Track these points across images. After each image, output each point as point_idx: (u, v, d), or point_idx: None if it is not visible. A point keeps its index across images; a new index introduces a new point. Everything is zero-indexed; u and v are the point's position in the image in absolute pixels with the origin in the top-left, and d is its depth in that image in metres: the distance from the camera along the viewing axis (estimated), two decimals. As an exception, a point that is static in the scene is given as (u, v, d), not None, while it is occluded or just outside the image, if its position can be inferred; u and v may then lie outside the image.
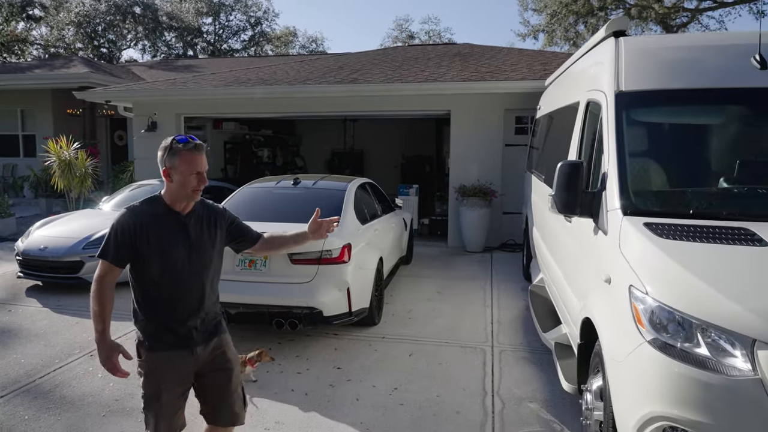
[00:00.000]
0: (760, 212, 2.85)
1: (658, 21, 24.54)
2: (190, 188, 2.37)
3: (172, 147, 2.37)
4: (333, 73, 11.09)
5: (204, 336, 2.50)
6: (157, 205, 2.44)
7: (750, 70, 3.36)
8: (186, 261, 2.41)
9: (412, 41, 40.27)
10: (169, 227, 2.41)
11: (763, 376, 2.13)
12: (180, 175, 2.36)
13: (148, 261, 2.36)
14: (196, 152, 2.38)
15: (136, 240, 2.34)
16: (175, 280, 2.41)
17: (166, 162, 2.38)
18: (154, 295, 2.42)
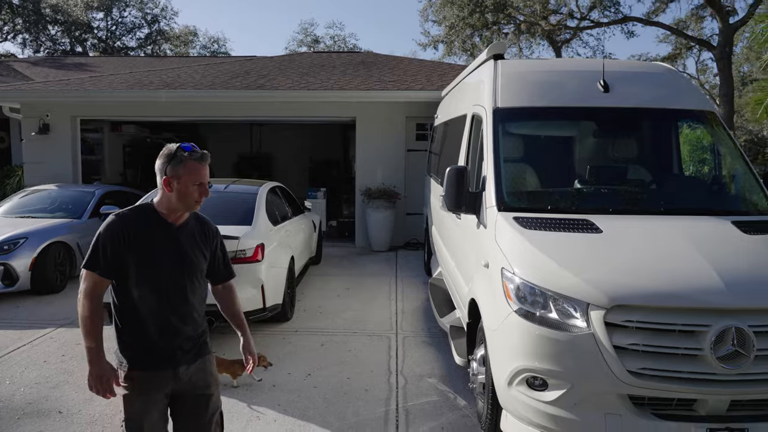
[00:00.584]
0: (599, 207, 3.59)
1: (545, 36, 26.78)
2: (192, 200, 2.26)
3: (176, 155, 2.24)
4: (239, 78, 11.20)
5: (189, 356, 2.34)
6: (148, 214, 2.30)
7: (597, 92, 4.15)
8: (174, 275, 2.28)
9: (317, 45, 40.55)
10: (160, 238, 2.27)
11: (594, 331, 2.79)
12: (182, 185, 2.23)
13: (135, 273, 2.23)
14: (201, 162, 2.26)
15: (125, 249, 2.20)
16: (162, 294, 2.27)
17: (168, 171, 2.23)
18: (138, 309, 2.26)
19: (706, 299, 2.73)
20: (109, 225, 2.24)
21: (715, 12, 21.90)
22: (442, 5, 23.99)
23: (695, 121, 4.29)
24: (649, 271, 2.90)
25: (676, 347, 2.72)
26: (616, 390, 2.76)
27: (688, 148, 4.74)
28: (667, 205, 3.66)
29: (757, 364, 2.69)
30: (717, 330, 2.67)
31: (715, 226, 3.32)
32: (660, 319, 2.75)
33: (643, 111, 4.15)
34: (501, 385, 3.15)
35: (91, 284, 2.23)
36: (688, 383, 2.71)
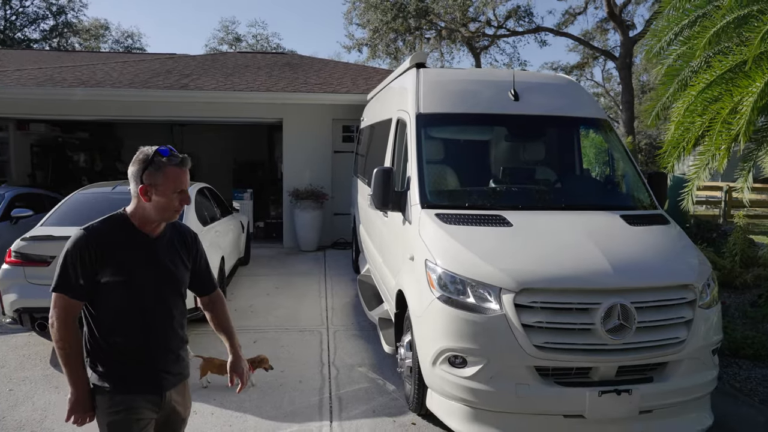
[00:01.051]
0: (510, 204, 4.03)
1: (465, 42, 27.91)
2: (172, 209, 2.07)
3: (153, 161, 2.02)
4: (161, 77, 10.95)
5: (175, 379, 2.20)
6: (120, 225, 2.08)
7: (508, 100, 4.59)
8: (157, 292, 2.10)
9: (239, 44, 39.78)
10: (135, 251, 2.07)
11: (506, 313, 3.18)
12: (161, 195, 2.02)
13: (111, 291, 2.03)
14: (182, 167, 2.06)
15: (98, 267, 2.01)
16: (145, 314, 2.09)
17: (144, 178, 2.02)
18: (118, 332, 2.07)
19: (597, 281, 3.20)
20: (77, 240, 2.01)
21: (616, 25, 23.83)
22: (366, 9, 24.41)
23: (592, 127, 4.86)
24: (551, 258, 3.33)
25: (573, 323, 3.16)
26: (524, 363, 3.16)
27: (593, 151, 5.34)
28: (568, 202, 4.16)
29: (638, 334, 3.18)
30: (606, 307, 3.14)
31: (606, 219, 3.83)
32: (560, 300, 3.18)
33: (548, 118, 4.66)
34: (426, 366, 3.47)
35: (62, 309, 2.01)
36: (583, 353, 3.16)
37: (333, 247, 10.46)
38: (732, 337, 5.30)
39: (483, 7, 24.67)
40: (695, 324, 3.33)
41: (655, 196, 4.37)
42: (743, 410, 4.21)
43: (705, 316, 3.41)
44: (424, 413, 3.84)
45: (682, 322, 3.31)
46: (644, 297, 3.23)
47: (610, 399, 3.15)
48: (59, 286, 2.02)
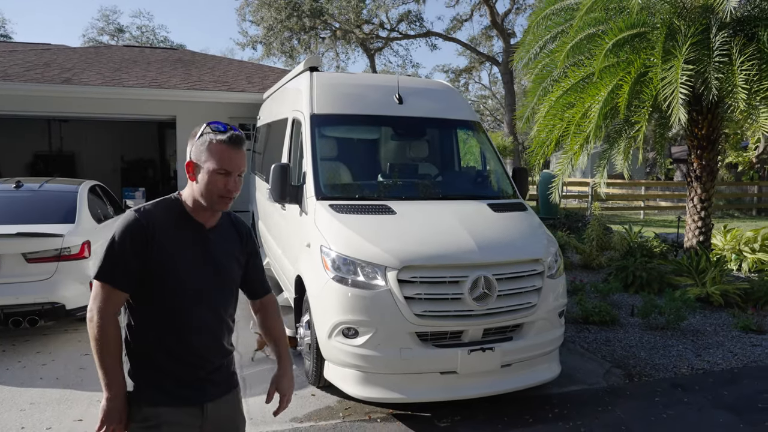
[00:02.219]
0: (395, 195, 4.57)
1: (360, 44, 28.58)
2: (216, 193, 1.83)
3: (202, 134, 1.85)
4: (39, 70, 10.36)
5: (219, 389, 1.96)
6: (174, 210, 1.90)
7: (393, 103, 5.13)
8: (207, 289, 1.90)
9: (122, 35, 37.54)
10: (188, 242, 1.88)
11: (390, 287, 3.68)
12: (205, 173, 1.82)
13: (160, 283, 1.83)
14: (231, 146, 1.83)
15: (150, 253, 1.80)
16: (192, 313, 1.87)
17: (191, 153, 1.86)
18: (161, 332, 1.85)
19: (465, 258, 3.80)
20: (130, 223, 1.81)
21: (499, 33, 25.71)
22: (260, 6, 24.24)
23: (466, 128, 5.54)
24: (428, 240, 3.89)
25: (446, 294, 3.74)
26: (407, 329, 3.68)
27: (467, 149, 6.04)
28: (444, 193, 4.79)
29: (498, 301, 3.83)
30: (472, 279, 3.75)
31: (475, 207, 4.48)
32: (435, 274, 3.75)
33: (429, 120, 5.26)
34: (323, 340, 3.90)
35: (104, 300, 1.78)
36: (454, 319, 3.75)
37: (231, 245, 10.51)
38: (584, 308, 6.27)
39: (376, 9, 25.46)
40: (544, 291, 4.05)
41: (518, 188, 5.12)
42: (588, 365, 5.08)
43: (552, 284, 4.15)
44: (322, 385, 4.26)
45: (533, 289, 4.01)
46: (503, 270, 3.88)
47: (477, 356, 3.76)
48: (104, 274, 1.79)
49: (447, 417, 3.96)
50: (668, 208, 18.85)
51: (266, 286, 2.20)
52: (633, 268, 7.63)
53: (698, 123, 7.87)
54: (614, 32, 6.79)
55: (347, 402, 4.11)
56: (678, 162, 23.16)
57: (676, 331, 6.02)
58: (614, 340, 5.73)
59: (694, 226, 8.22)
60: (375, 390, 3.73)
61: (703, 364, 5.14)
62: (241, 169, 1.85)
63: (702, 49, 6.54)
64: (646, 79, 6.80)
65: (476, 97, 45.76)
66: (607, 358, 5.24)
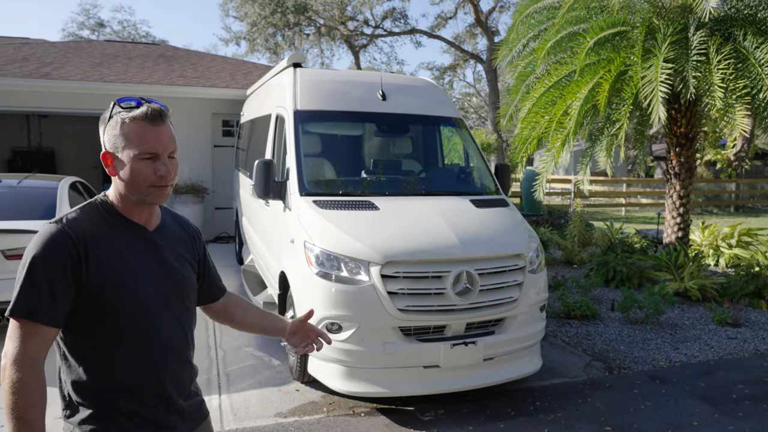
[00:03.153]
0: (378, 191, 4.59)
1: (344, 40, 28.52)
2: (145, 184, 1.49)
3: (111, 116, 1.49)
4: (17, 64, 10.17)
5: (191, 422, 1.66)
6: (105, 214, 1.52)
7: (377, 100, 5.14)
8: (167, 301, 1.57)
9: (103, 30, 36.98)
10: (133, 249, 1.53)
11: (373, 283, 3.71)
12: (127, 162, 1.47)
13: (107, 307, 1.47)
14: (151, 123, 1.48)
15: (86, 273, 1.43)
16: (154, 333, 1.53)
17: (105, 142, 1.50)
18: (119, 365, 1.49)
19: (447, 253, 3.84)
20: (52, 238, 1.41)
21: (483, 31, 25.83)
22: (243, 2, 24.06)
23: (449, 125, 5.58)
24: (411, 235, 3.92)
25: (429, 288, 3.77)
26: (390, 324, 3.71)
27: (450, 145, 6.09)
28: (427, 189, 4.83)
29: (480, 295, 3.88)
30: (454, 274, 3.79)
31: (457, 203, 4.52)
32: (418, 269, 3.78)
33: (412, 116, 5.29)
34: (307, 335, 3.91)
35: (24, 340, 1.38)
36: (437, 313, 3.79)
37: (215, 241, 10.47)
38: (565, 303, 6.36)
39: (360, 6, 25.41)
40: (526, 286, 4.11)
41: (501, 184, 5.17)
42: (569, 358, 5.16)
43: (533, 279, 4.21)
44: (306, 380, 4.28)
45: (515, 284, 4.07)
46: (485, 265, 3.93)
47: (459, 350, 3.81)
48: (23, 308, 1.38)
49: (430, 411, 4.00)
50: (649, 204, 19.16)
51: (223, 283, 1.91)
52: (614, 264, 7.75)
53: (677, 121, 8.00)
54: (595, 31, 6.87)
55: (331, 397, 4.14)
56: (658, 159, 23.51)
57: (654, 324, 6.14)
58: (595, 334, 5.83)
59: (673, 222, 8.37)
60: (359, 384, 3.76)
61: (680, 356, 5.25)
62: (171, 148, 1.50)
63: (681, 48, 6.66)
64: (626, 77, 6.90)
65: (460, 95, 45.94)
66: (588, 351, 5.33)
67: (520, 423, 3.90)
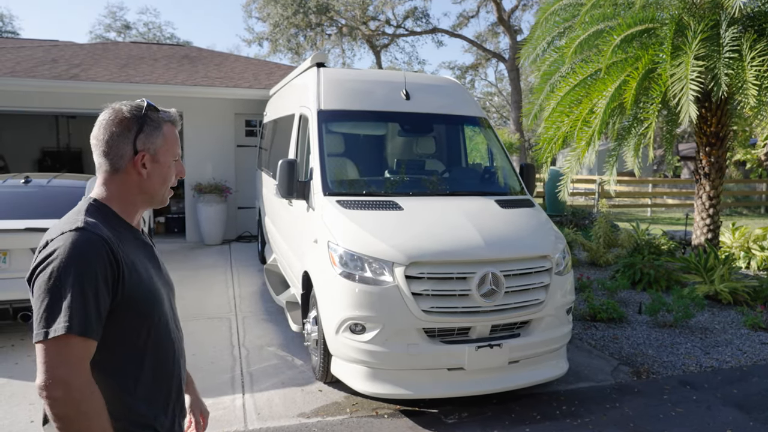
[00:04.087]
0: (402, 191, 4.56)
1: (366, 40, 28.54)
2: (168, 185, 1.54)
3: (149, 117, 1.46)
4: (47, 66, 10.39)
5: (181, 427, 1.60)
6: (110, 219, 1.44)
7: (401, 99, 5.11)
8: (172, 307, 1.57)
9: (129, 32, 37.64)
10: (142, 253, 1.50)
11: (397, 284, 3.68)
12: (161, 164, 1.49)
13: (138, 316, 1.41)
14: (176, 128, 1.55)
15: (124, 280, 1.37)
16: (172, 342, 1.52)
17: (139, 143, 1.45)
18: (146, 372, 1.43)
19: (472, 254, 3.79)
20: (91, 245, 1.32)
21: (505, 29, 25.60)
22: (266, 2, 24.23)
23: (473, 124, 5.52)
24: (435, 236, 3.88)
25: (454, 290, 3.73)
26: (414, 325, 3.68)
27: (474, 145, 6.03)
28: (452, 189, 4.77)
29: (506, 297, 3.82)
30: (480, 275, 3.73)
31: (482, 203, 4.46)
32: (442, 270, 3.74)
33: (436, 116, 5.25)
34: (330, 336, 3.90)
35: (83, 363, 1.28)
36: (462, 315, 3.74)
37: (238, 241, 10.55)
38: (591, 305, 6.25)
39: (382, 6, 25.40)
40: (552, 288, 4.03)
41: (525, 184, 5.10)
42: (596, 362, 5.06)
43: (560, 281, 4.13)
44: (329, 381, 4.27)
45: (541, 286, 3.99)
46: (511, 266, 3.87)
47: (484, 353, 3.75)
48: (81, 326, 1.26)
49: (454, 413, 3.96)
50: (676, 205, 18.74)
51: None
52: (640, 266, 7.59)
53: (707, 120, 7.80)
54: (622, 28, 6.74)
55: (354, 398, 4.12)
56: (685, 159, 23.00)
57: (684, 328, 5.99)
58: (622, 337, 5.71)
59: (702, 223, 8.16)
60: (382, 386, 3.73)
61: (711, 361, 5.11)
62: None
63: (712, 45, 6.49)
64: (654, 75, 6.75)
65: (482, 94, 45.62)
66: (615, 355, 5.22)
67: (545, 427, 3.83)
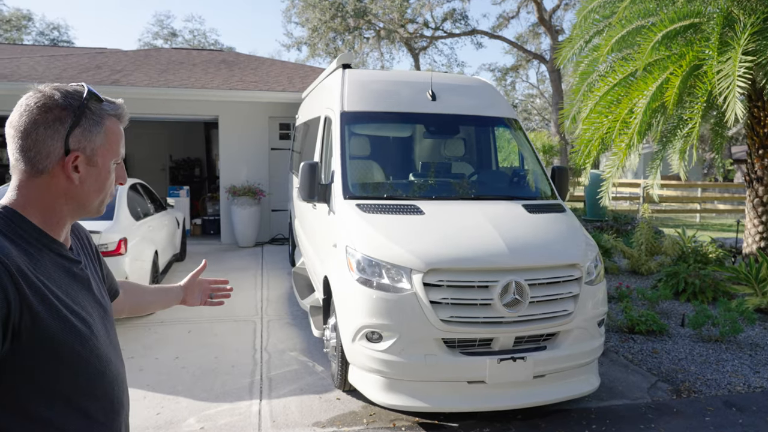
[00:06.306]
0: (425, 195, 4.41)
1: (404, 43, 28.46)
2: (109, 192, 1.26)
3: (89, 107, 1.18)
4: (91, 72, 10.74)
5: None
6: (24, 233, 1.14)
7: (426, 100, 4.97)
8: (107, 333, 1.27)
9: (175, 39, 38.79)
10: (64, 274, 1.19)
11: (415, 291, 3.53)
12: (99, 169, 1.21)
13: (47, 355, 1.09)
14: (123, 123, 1.29)
15: (21, 317, 1.05)
16: (100, 380, 1.20)
17: (74, 140, 1.16)
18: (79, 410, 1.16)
19: (494, 261, 3.60)
20: None
21: (546, 30, 25.04)
22: (305, 7, 24.49)
23: (503, 126, 5.32)
24: (456, 242, 3.71)
25: (474, 299, 3.55)
26: (432, 335, 3.52)
27: (503, 147, 5.82)
28: (477, 193, 4.59)
29: (531, 308, 3.61)
30: (502, 284, 3.55)
31: (509, 207, 4.26)
32: (462, 278, 3.57)
33: (462, 117, 5.07)
34: (347, 343, 3.78)
35: None
36: (483, 325, 3.56)
37: (271, 243, 10.61)
38: (629, 316, 5.92)
39: (420, 8, 25.27)
40: (582, 298, 3.80)
41: (558, 188, 4.86)
42: (632, 377, 4.76)
43: (591, 291, 3.89)
44: (348, 389, 4.15)
45: (569, 296, 3.77)
46: (536, 275, 3.66)
47: (507, 366, 3.56)
48: None
49: (476, 428, 3.77)
50: (727, 211, 17.82)
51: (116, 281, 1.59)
52: (685, 275, 7.18)
53: (760, 120, 7.32)
54: (664, 23, 6.38)
55: (372, 408, 3.99)
56: (739, 162, 21.89)
57: (731, 344, 5.60)
58: (662, 351, 5.37)
59: (754, 230, 7.66)
60: (398, 397, 3.59)
61: (761, 381, 4.73)
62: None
63: (762, 39, 6.06)
64: (700, 73, 6.36)
65: (523, 96, 44.83)
66: (653, 371, 4.91)
67: (573, 447, 3.61)
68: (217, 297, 1.85)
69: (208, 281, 1.84)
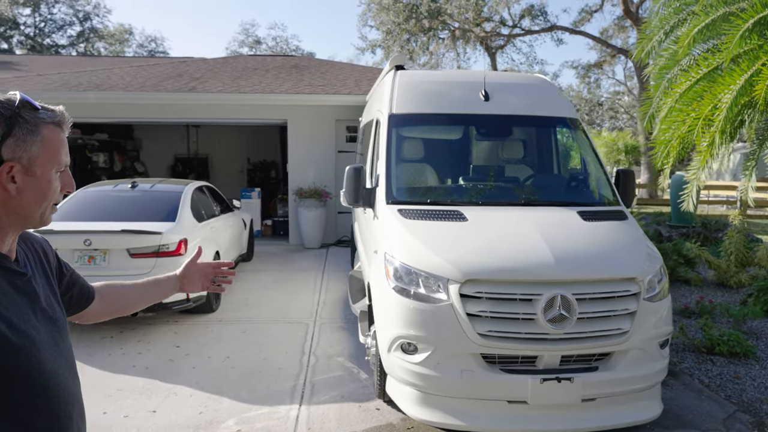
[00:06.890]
0: (470, 200, 4.21)
1: (480, 42, 27.91)
2: (51, 202, 1.24)
3: (22, 116, 1.16)
4: (171, 80, 11.36)
5: None
6: None
7: (479, 100, 4.76)
8: (57, 351, 1.24)
9: (259, 46, 40.46)
10: (10, 290, 1.18)
11: (452, 302, 3.36)
12: (38, 179, 1.19)
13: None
14: (63, 129, 1.24)
15: None
16: (47, 395, 1.19)
17: (8, 150, 1.15)
18: None
19: (538, 272, 3.35)
20: None
21: (633, 23, 23.59)
22: (379, 10, 24.64)
23: (561, 126, 4.98)
24: (497, 251, 3.49)
25: (516, 313, 3.32)
26: (468, 350, 3.33)
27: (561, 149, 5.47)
28: (527, 198, 4.31)
29: (578, 325, 3.32)
30: (547, 298, 3.29)
31: (561, 214, 3.97)
32: (503, 290, 3.34)
33: (517, 117, 4.81)
34: (384, 353, 3.67)
35: None
36: (525, 342, 3.32)
37: (336, 245, 10.71)
38: (709, 335, 5.36)
39: (496, 6, 24.66)
40: (640, 316, 3.45)
41: (622, 193, 4.48)
42: (705, 405, 4.28)
43: (651, 308, 3.52)
44: (387, 399, 4.04)
45: (625, 313, 3.43)
46: (586, 289, 3.36)
47: (551, 386, 3.29)
48: None
49: (518, 450, 3.53)
50: (842, 217, 15.90)
51: (88, 284, 1.59)
52: (779, 290, 6.41)
53: None
54: (756, 9, 5.72)
55: (411, 421, 3.85)
56: None
57: (831, 371, 4.91)
58: (746, 377, 4.81)
59: None
60: (433, 412, 3.42)
61: None
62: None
63: None
64: (798, 63, 5.64)
65: (609, 94, 42.59)
66: (733, 399, 4.40)
67: (626, 479, 3.28)
68: (219, 282, 1.86)
69: (210, 265, 1.83)
